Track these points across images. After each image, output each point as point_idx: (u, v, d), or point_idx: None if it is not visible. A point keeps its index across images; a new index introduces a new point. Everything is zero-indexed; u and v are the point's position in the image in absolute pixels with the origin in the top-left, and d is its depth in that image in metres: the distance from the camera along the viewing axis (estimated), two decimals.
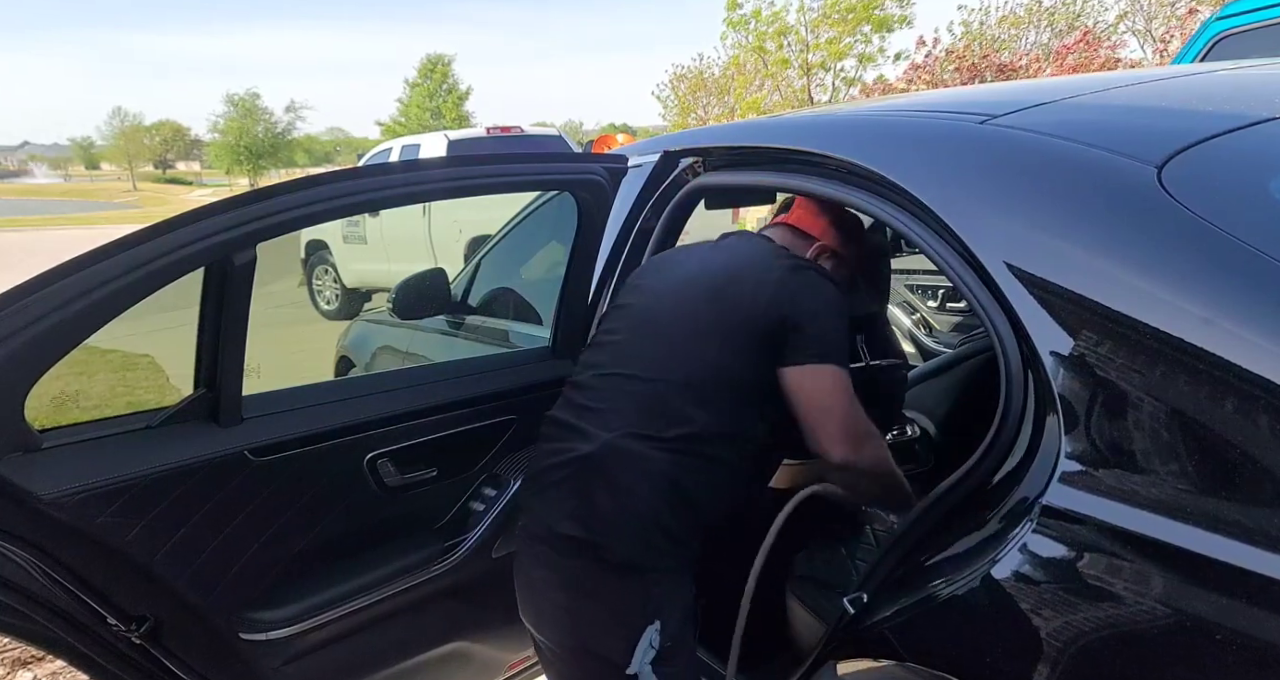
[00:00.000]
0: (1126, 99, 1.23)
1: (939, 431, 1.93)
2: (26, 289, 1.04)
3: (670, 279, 1.35)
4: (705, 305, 1.25)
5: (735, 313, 1.22)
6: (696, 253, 1.41)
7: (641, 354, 1.26)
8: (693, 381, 1.20)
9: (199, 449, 1.29)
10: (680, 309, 1.27)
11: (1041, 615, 0.84)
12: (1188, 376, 0.78)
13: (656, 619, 1.16)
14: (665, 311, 1.29)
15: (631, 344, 1.29)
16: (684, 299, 1.28)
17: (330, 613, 1.48)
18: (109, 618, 1.29)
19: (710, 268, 1.32)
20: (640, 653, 1.15)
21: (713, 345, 1.21)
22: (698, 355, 1.21)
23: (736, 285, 1.25)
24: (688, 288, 1.30)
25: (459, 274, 2.66)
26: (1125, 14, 11.75)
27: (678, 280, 1.33)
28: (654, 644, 1.16)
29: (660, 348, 1.25)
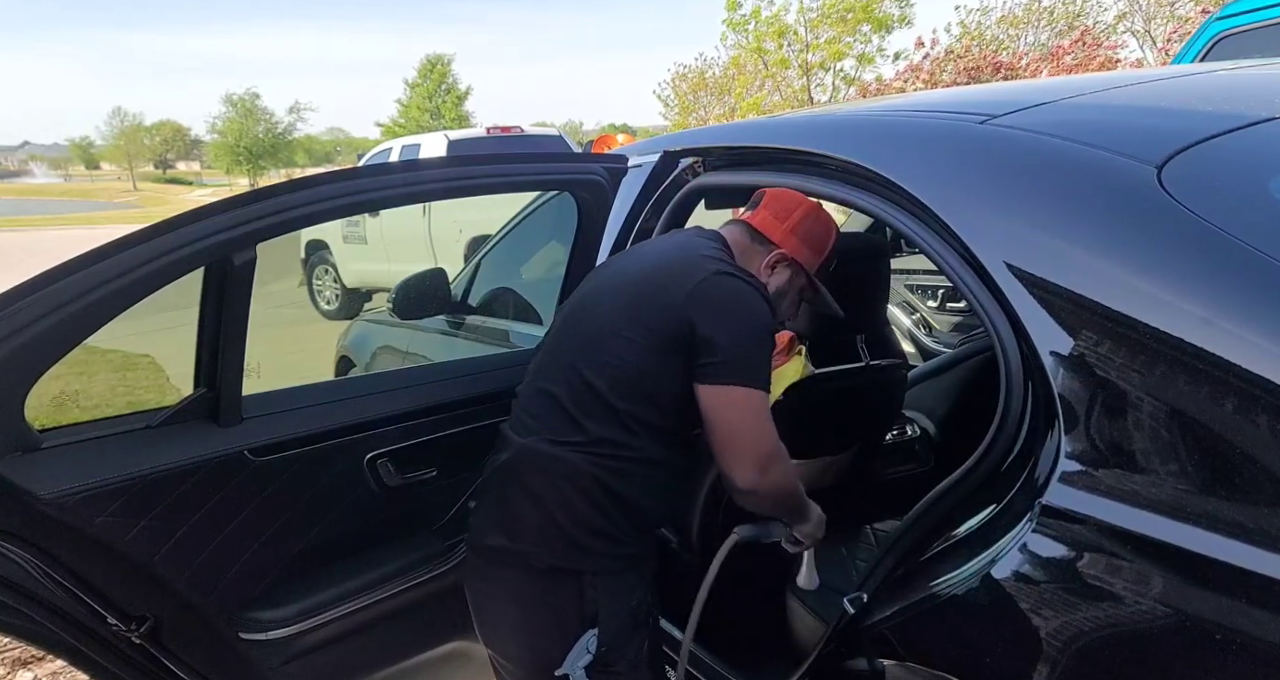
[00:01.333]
0: (1126, 99, 1.23)
1: (939, 431, 1.93)
2: (26, 289, 1.04)
3: (606, 277, 1.30)
4: (627, 305, 1.19)
5: (653, 314, 1.16)
6: (639, 250, 1.36)
7: (565, 356, 1.22)
8: (613, 383, 1.15)
9: (199, 449, 1.29)
10: (604, 308, 1.22)
11: (1041, 615, 0.84)
12: (1188, 376, 0.78)
13: (594, 624, 1.15)
14: (592, 311, 1.24)
15: (558, 347, 1.26)
16: (611, 298, 1.23)
17: (330, 612, 1.48)
18: (109, 617, 1.29)
19: (643, 265, 1.25)
20: (574, 655, 1.14)
21: (633, 346, 1.15)
22: (617, 355, 1.16)
23: (660, 288, 1.18)
24: (617, 287, 1.24)
25: (459, 274, 2.66)
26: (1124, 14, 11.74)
27: (612, 278, 1.28)
28: (590, 648, 1.15)
29: (582, 349, 1.20)
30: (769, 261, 1.30)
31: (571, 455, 1.15)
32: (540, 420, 1.20)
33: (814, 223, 1.32)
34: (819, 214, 1.33)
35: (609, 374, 1.16)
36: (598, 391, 1.15)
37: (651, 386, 1.16)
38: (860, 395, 1.78)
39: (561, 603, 1.16)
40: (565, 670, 1.14)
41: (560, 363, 1.22)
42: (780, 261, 1.31)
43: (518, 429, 1.23)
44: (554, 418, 1.18)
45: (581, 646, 1.14)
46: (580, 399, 1.16)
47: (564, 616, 1.16)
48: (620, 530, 1.18)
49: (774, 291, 1.30)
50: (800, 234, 1.31)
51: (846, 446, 1.83)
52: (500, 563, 1.20)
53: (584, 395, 1.16)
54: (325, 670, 1.54)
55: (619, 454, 1.15)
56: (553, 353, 1.27)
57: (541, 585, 1.16)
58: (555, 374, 1.21)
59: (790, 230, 1.30)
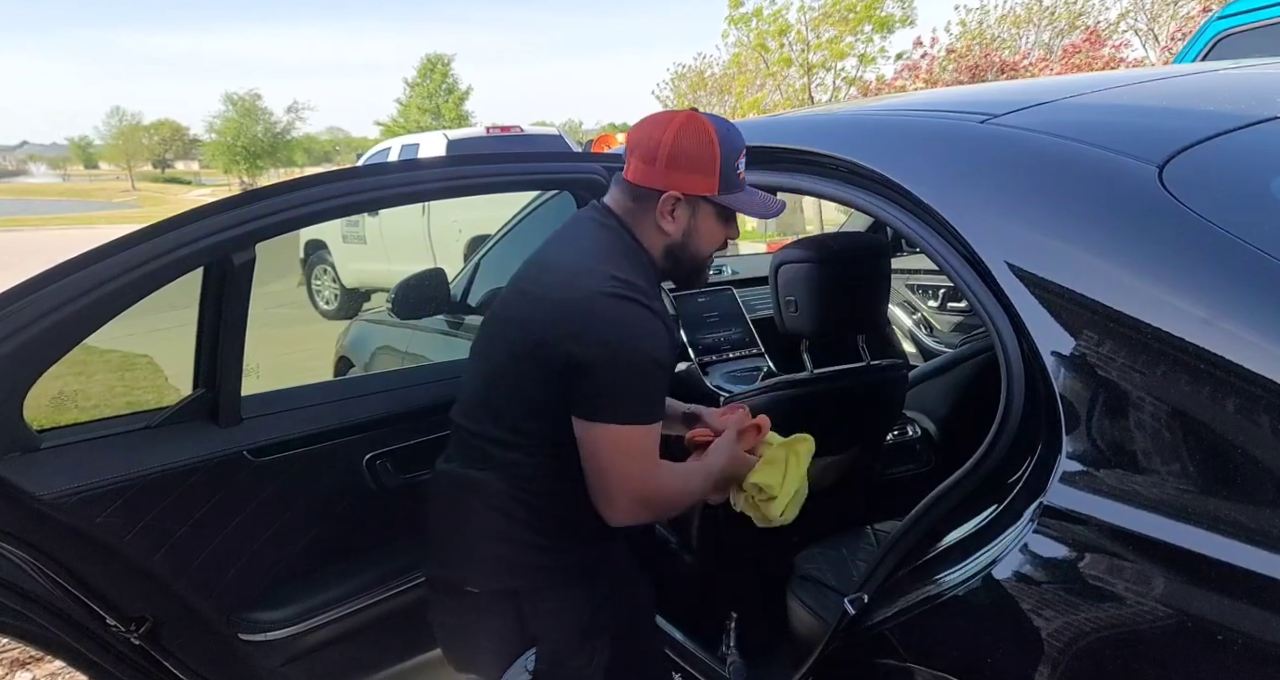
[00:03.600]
0: (1127, 98, 1.23)
1: (939, 431, 1.93)
2: (26, 289, 1.04)
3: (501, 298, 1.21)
4: (512, 328, 1.13)
5: (529, 333, 1.08)
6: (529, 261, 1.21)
7: (469, 380, 1.20)
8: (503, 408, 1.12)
9: (198, 449, 1.29)
10: (495, 333, 1.17)
11: (1042, 615, 0.84)
12: (1188, 376, 0.78)
13: (533, 643, 1.13)
14: (484, 340, 1.19)
15: (466, 376, 1.23)
16: (499, 321, 1.17)
17: (329, 613, 1.48)
18: (108, 618, 1.29)
19: (523, 280, 1.16)
20: (511, 673, 1.13)
21: (519, 372, 1.09)
22: (505, 384, 1.12)
23: (536, 303, 1.10)
24: (504, 307, 1.17)
25: (458, 274, 2.66)
26: (1127, 13, 11.75)
27: (503, 298, 1.19)
28: (528, 668, 1.13)
29: (478, 373, 1.18)
30: (662, 210, 1.14)
31: (482, 475, 1.12)
32: (454, 446, 1.20)
33: (687, 142, 1.12)
34: (685, 129, 1.12)
35: (499, 401, 1.12)
36: (492, 417, 1.12)
37: (544, 415, 1.09)
38: (860, 395, 1.78)
39: (499, 625, 1.14)
40: None
41: (464, 395, 1.21)
42: (675, 204, 1.14)
43: (443, 458, 1.23)
44: (463, 443, 1.18)
45: (520, 665, 1.12)
46: (480, 426, 1.14)
47: (503, 639, 1.14)
48: (552, 542, 1.14)
49: (682, 236, 1.17)
50: (677, 165, 1.12)
51: (847, 447, 1.82)
52: (439, 591, 1.21)
53: (482, 421, 1.14)
54: (324, 671, 1.54)
55: (530, 473, 1.12)
56: (466, 373, 1.23)
57: (478, 608, 1.15)
58: (461, 405, 1.20)
59: (665, 166, 1.12)
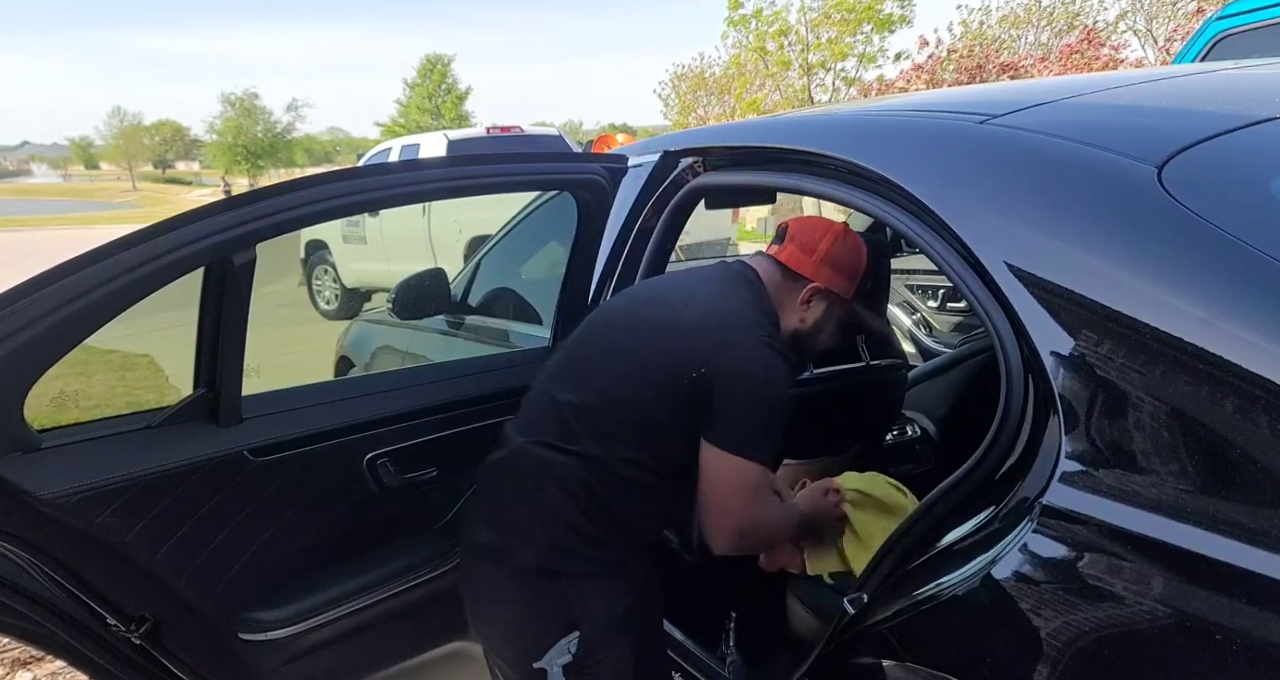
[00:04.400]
0: (1126, 99, 1.23)
1: (939, 431, 1.93)
2: (26, 289, 1.04)
3: (643, 303, 1.30)
4: (654, 345, 1.18)
5: (680, 366, 1.14)
6: (680, 283, 1.32)
7: (584, 371, 1.23)
8: (625, 416, 1.17)
9: (198, 449, 1.29)
10: (633, 338, 1.22)
11: (1041, 615, 0.84)
12: (1188, 376, 0.78)
13: (575, 628, 1.15)
14: (621, 335, 1.24)
15: (578, 358, 1.27)
16: (643, 330, 1.22)
17: (330, 613, 1.48)
18: (109, 618, 1.29)
19: (681, 305, 1.23)
20: (554, 653, 1.15)
21: (651, 388, 1.16)
22: (634, 391, 1.17)
23: (693, 339, 1.16)
24: (651, 318, 1.24)
25: (459, 274, 2.66)
26: (1125, 13, 11.75)
27: (648, 307, 1.27)
28: (570, 650, 1.15)
29: (602, 371, 1.21)
30: (804, 297, 1.29)
31: (567, 461, 1.15)
32: (543, 424, 1.21)
33: (842, 248, 1.29)
34: (846, 238, 1.30)
35: (622, 407, 1.17)
36: (607, 417, 1.17)
37: (661, 431, 1.17)
38: (860, 395, 1.78)
39: (545, 603, 1.16)
40: (544, 665, 1.15)
41: (578, 376, 1.23)
42: (815, 295, 1.30)
43: (520, 428, 1.24)
44: (557, 424, 1.19)
45: (562, 646, 1.15)
46: (587, 417, 1.17)
47: (547, 617, 1.16)
48: (607, 538, 1.18)
49: (811, 325, 1.31)
50: (830, 263, 1.28)
51: (847, 446, 1.83)
52: (487, 559, 1.21)
53: (592, 415, 1.17)
54: (325, 671, 1.54)
55: (614, 472, 1.16)
56: (572, 361, 1.27)
57: (527, 584, 1.17)
58: (569, 385, 1.22)
59: (820, 261, 1.28)
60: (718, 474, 1.14)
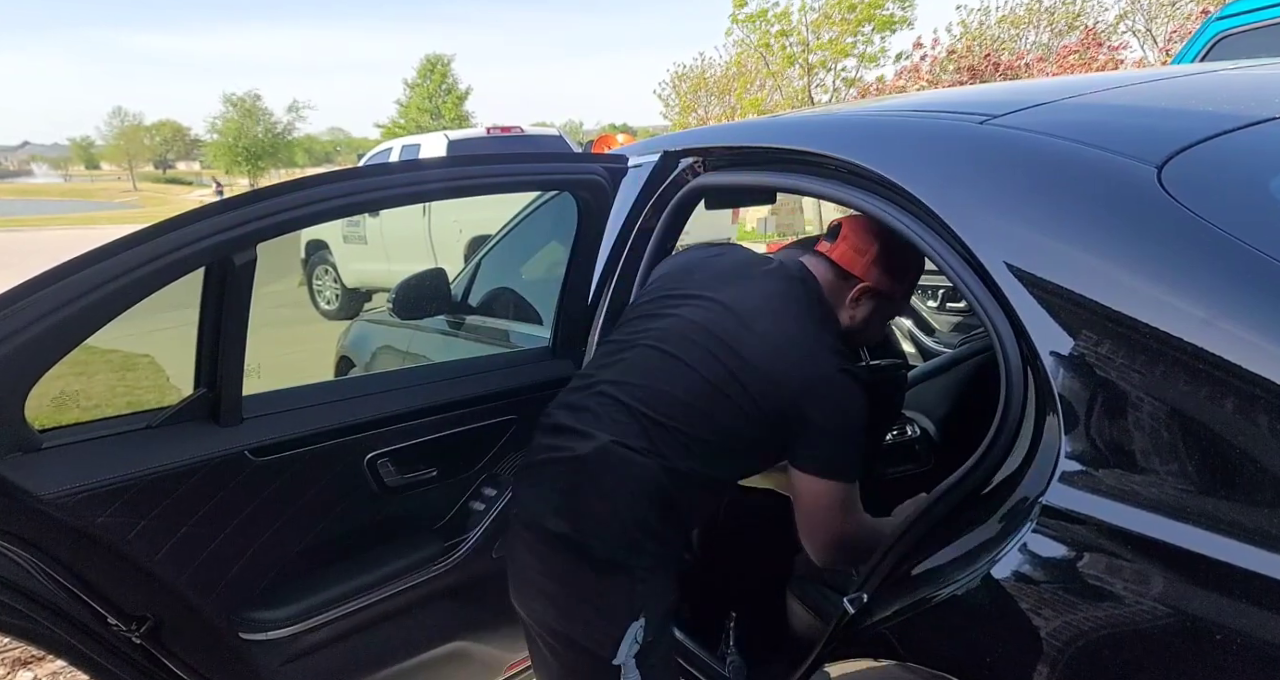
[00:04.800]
0: (1126, 99, 1.23)
1: (939, 431, 1.93)
2: (27, 289, 1.04)
3: (699, 308, 1.29)
4: (726, 358, 1.21)
5: (761, 387, 1.19)
6: (736, 285, 1.32)
7: (649, 381, 1.24)
8: (704, 433, 1.20)
9: (199, 449, 1.29)
10: (700, 350, 1.23)
11: (1041, 615, 0.84)
12: (1188, 376, 0.78)
13: (641, 615, 1.19)
14: (683, 346, 1.25)
15: (642, 366, 1.26)
16: (706, 340, 1.24)
17: (330, 613, 1.48)
18: (109, 618, 1.29)
19: (742, 316, 1.25)
20: (625, 646, 1.18)
21: (723, 401, 1.20)
22: (710, 408, 1.20)
23: (773, 362, 1.20)
24: (713, 327, 1.25)
25: (459, 274, 2.66)
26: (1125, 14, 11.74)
27: (706, 313, 1.27)
28: (638, 639, 1.19)
29: (670, 386, 1.22)
30: (854, 295, 1.33)
31: (648, 464, 1.19)
32: (622, 425, 1.22)
33: (894, 250, 1.32)
34: (900, 239, 1.30)
35: (700, 424, 1.20)
36: (684, 430, 1.20)
37: (739, 449, 1.24)
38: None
39: (613, 594, 1.20)
40: (620, 661, 1.19)
41: (645, 382, 1.24)
42: (864, 294, 1.34)
43: (592, 423, 1.24)
44: (636, 428, 1.21)
45: (631, 637, 1.19)
46: (662, 428, 1.20)
47: (614, 607, 1.20)
48: (671, 534, 1.24)
49: (859, 323, 1.36)
50: (882, 264, 1.32)
51: None
52: (557, 547, 1.22)
53: (668, 427, 1.20)
54: (325, 670, 1.54)
55: (689, 478, 1.21)
56: (630, 363, 1.27)
57: (596, 576, 1.20)
58: (636, 387, 1.23)
59: (872, 262, 1.32)
60: (813, 497, 1.23)
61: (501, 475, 1.71)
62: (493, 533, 1.67)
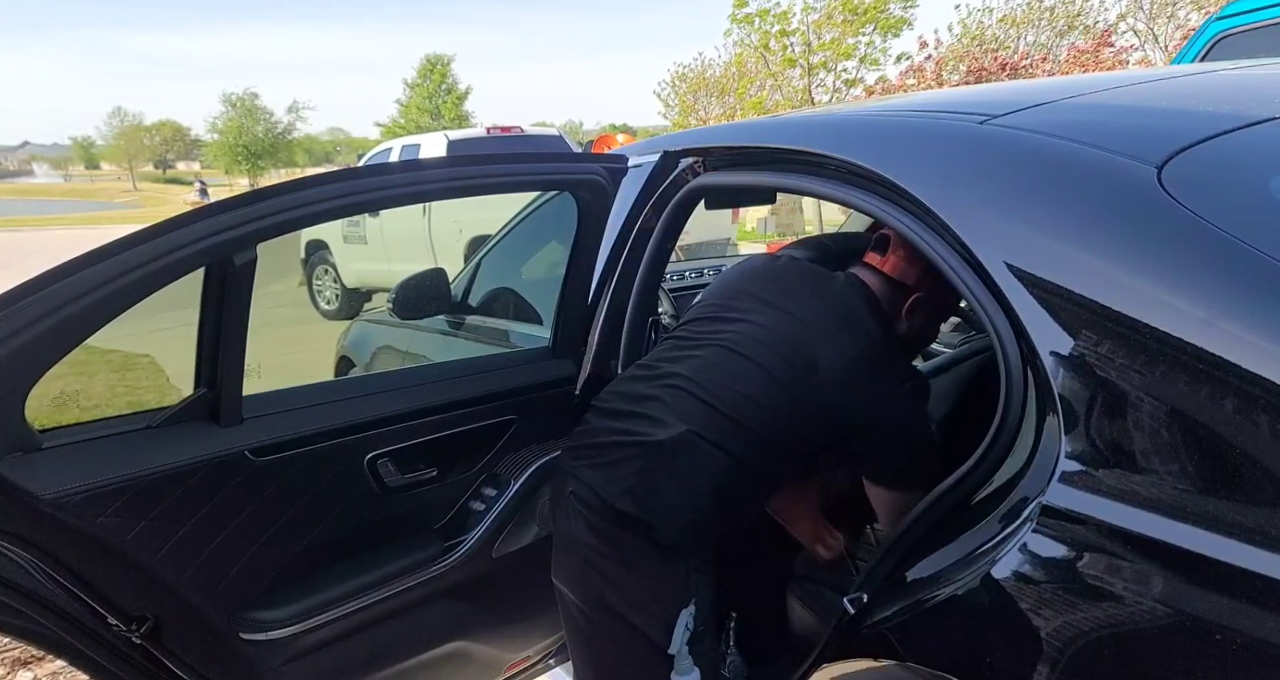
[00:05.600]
0: (1126, 99, 1.23)
1: (939, 431, 1.93)
2: (27, 289, 1.04)
3: (769, 316, 1.33)
4: (797, 364, 1.25)
5: (825, 399, 1.24)
6: (801, 297, 1.35)
7: (722, 378, 1.27)
8: (776, 437, 1.24)
9: (199, 449, 1.29)
10: (774, 355, 1.26)
11: (1041, 615, 0.84)
12: (1188, 376, 0.78)
13: (693, 602, 1.22)
14: (757, 350, 1.28)
15: (716, 364, 1.29)
16: (779, 345, 1.27)
17: (330, 613, 1.48)
18: (109, 618, 1.29)
19: (812, 327, 1.29)
20: (679, 633, 1.22)
21: (790, 404, 1.24)
22: (773, 405, 1.24)
23: (845, 378, 1.24)
24: (785, 334, 1.29)
25: (459, 274, 2.66)
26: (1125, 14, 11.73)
27: (776, 321, 1.31)
28: (689, 626, 1.22)
29: (740, 381, 1.26)
30: (910, 306, 1.36)
31: (719, 457, 1.22)
32: (693, 414, 1.25)
33: None
34: None
35: (769, 424, 1.24)
36: (750, 428, 1.23)
37: (804, 449, 1.29)
38: None
39: (669, 577, 1.23)
40: (674, 650, 1.22)
41: (718, 379, 1.27)
42: (919, 305, 1.37)
43: (670, 411, 1.26)
44: (706, 418, 1.24)
45: (683, 623, 1.22)
46: (734, 422, 1.23)
47: (669, 589, 1.23)
48: (724, 524, 1.28)
49: (916, 330, 1.40)
50: (934, 272, 1.32)
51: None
52: (624, 527, 1.23)
53: (738, 421, 1.23)
54: (325, 670, 1.54)
55: (751, 471, 1.25)
56: (704, 360, 1.30)
57: (657, 557, 1.22)
58: (709, 383, 1.27)
59: (924, 270, 1.34)
60: (889, 504, 1.33)
61: (502, 475, 1.71)
62: (493, 532, 1.67)
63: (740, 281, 1.46)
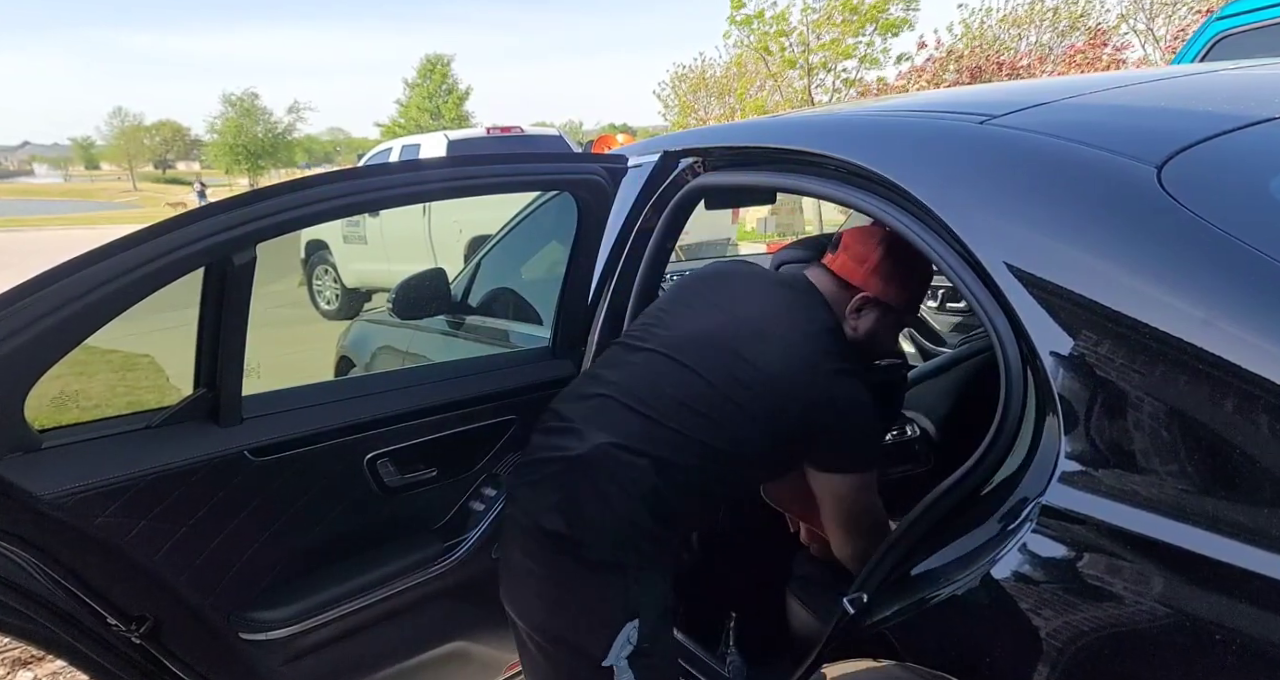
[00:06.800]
0: (1126, 99, 1.23)
1: (939, 431, 1.93)
2: (26, 289, 1.04)
3: (709, 318, 1.32)
4: (735, 367, 1.23)
5: (763, 395, 1.21)
6: (744, 298, 1.35)
7: (656, 384, 1.25)
8: (710, 441, 1.21)
9: (199, 449, 1.29)
10: (710, 359, 1.24)
11: (1041, 615, 0.84)
12: (1188, 376, 0.78)
13: (635, 616, 1.19)
14: (692, 354, 1.26)
15: (649, 370, 1.27)
16: (716, 349, 1.26)
17: (330, 613, 1.48)
18: (109, 617, 1.29)
19: (751, 327, 1.28)
20: (617, 647, 1.18)
21: (733, 409, 1.21)
22: (718, 417, 1.21)
23: (779, 373, 1.22)
24: (723, 337, 1.27)
25: (459, 274, 2.66)
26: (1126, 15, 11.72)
27: (715, 324, 1.30)
28: (631, 640, 1.18)
29: (674, 387, 1.23)
30: (854, 306, 1.35)
31: (644, 466, 1.19)
32: (618, 424, 1.23)
33: (895, 259, 1.33)
34: (902, 248, 1.31)
35: (708, 430, 1.20)
36: (684, 434, 1.20)
37: (741, 455, 1.23)
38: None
39: (606, 594, 1.20)
40: (611, 662, 1.18)
41: (650, 385, 1.25)
42: (865, 304, 1.35)
43: (591, 423, 1.25)
44: (634, 427, 1.22)
45: (624, 638, 1.18)
46: (666, 428, 1.21)
47: (607, 607, 1.20)
48: (667, 535, 1.24)
49: (865, 333, 1.36)
50: (882, 274, 1.33)
51: None
52: (552, 547, 1.22)
53: (670, 428, 1.21)
54: (325, 670, 1.54)
55: (688, 481, 1.22)
56: (638, 367, 1.28)
57: (590, 575, 1.20)
58: (641, 390, 1.24)
59: (871, 271, 1.33)
60: (837, 498, 1.29)
61: (502, 475, 1.71)
62: (492, 533, 1.67)
63: (690, 285, 1.44)
